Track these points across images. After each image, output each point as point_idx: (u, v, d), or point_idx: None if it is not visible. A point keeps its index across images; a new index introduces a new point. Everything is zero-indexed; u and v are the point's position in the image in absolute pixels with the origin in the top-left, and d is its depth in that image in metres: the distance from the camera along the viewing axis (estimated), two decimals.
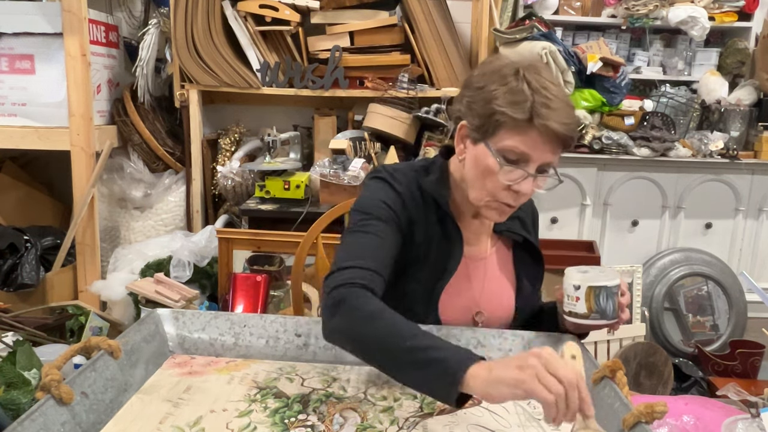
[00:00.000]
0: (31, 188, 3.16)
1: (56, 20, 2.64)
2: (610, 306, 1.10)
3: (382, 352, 0.96)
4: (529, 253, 1.30)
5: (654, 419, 0.84)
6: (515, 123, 1.06)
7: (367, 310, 0.98)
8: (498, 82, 1.08)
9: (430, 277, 1.20)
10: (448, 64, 2.94)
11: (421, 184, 1.21)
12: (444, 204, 1.21)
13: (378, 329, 0.96)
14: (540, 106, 1.05)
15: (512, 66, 1.09)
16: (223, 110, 3.20)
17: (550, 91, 1.06)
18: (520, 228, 1.29)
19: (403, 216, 1.16)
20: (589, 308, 1.10)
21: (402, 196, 1.18)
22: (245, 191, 2.96)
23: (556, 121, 1.05)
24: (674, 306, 3.07)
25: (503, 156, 1.08)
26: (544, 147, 1.07)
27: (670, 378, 2.61)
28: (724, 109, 3.17)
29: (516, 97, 1.06)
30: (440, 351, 0.90)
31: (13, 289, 2.60)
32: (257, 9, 2.83)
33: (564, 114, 1.06)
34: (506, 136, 1.07)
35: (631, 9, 3.17)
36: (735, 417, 1.26)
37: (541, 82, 1.07)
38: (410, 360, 0.92)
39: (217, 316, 1.20)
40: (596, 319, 1.11)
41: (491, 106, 1.07)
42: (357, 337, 0.98)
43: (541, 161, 1.09)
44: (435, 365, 0.89)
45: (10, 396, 1.63)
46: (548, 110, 1.05)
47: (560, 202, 2.99)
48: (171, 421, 0.92)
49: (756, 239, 3.14)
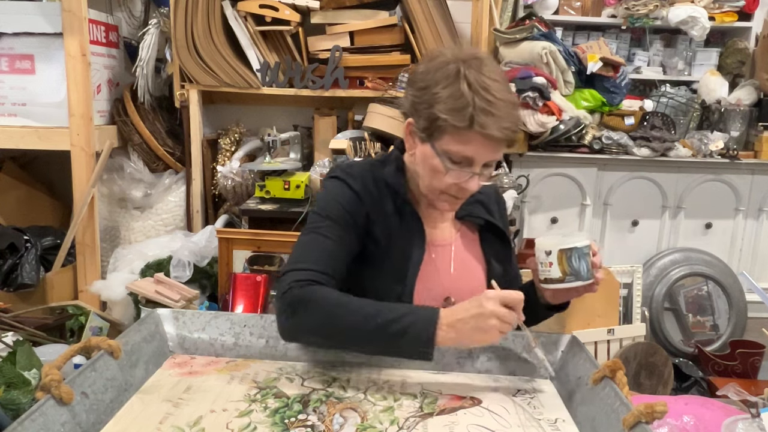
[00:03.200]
0: (31, 188, 3.16)
1: (56, 20, 2.63)
2: (583, 266, 1.11)
3: (353, 338, 1.05)
4: (495, 234, 1.33)
5: (654, 419, 0.84)
6: (456, 130, 1.08)
7: (329, 303, 1.05)
8: (440, 84, 1.10)
9: (399, 268, 1.21)
10: None
11: (379, 176, 1.24)
12: (403, 193, 1.24)
13: (345, 317, 1.04)
14: (480, 112, 1.07)
15: (454, 63, 1.11)
16: (223, 110, 3.20)
17: (491, 92, 1.08)
18: (482, 211, 1.32)
19: (359, 214, 1.19)
20: (563, 271, 1.11)
21: (358, 194, 1.20)
22: (245, 191, 2.96)
23: (496, 128, 1.08)
24: (674, 306, 3.07)
25: (449, 158, 1.12)
26: (486, 149, 1.11)
27: (670, 378, 2.61)
28: (724, 109, 3.16)
29: (457, 103, 1.08)
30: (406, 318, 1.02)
31: (13, 289, 2.60)
32: (257, 9, 2.83)
33: (504, 118, 1.09)
34: (449, 140, 1.10)
35: (631, 9, 3.17)
36: (735, 417, 1.26)
37: (481, 81, 1.08)
38: (383, 337, 1.02)
39: (217, 316, 1.20)
40: (571, 281, 1.12)
41: (433, 111, 1.09)
42: (325, 330, 1.05)
43: (485, 160, 1.13)
44: (406, 335, 1.01)
45: (10, 396, 1.63)
46: (487, 117, 1.07)
47: (560, 202, 2.99)
48: (171, 421, 0.92)
49: (756, 239, 3.14)
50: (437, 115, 1.09)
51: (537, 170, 2.92)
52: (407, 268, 1.21)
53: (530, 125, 2.76)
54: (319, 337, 1.08)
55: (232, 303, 2.45)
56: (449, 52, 1.14)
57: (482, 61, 1.12)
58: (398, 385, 1.07)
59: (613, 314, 2.77)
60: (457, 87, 1.08)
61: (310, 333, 1.08)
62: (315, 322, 1.05)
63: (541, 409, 1.02)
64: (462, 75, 1.09)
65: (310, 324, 1.05)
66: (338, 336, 1.05)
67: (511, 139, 1.13)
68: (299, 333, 1.09)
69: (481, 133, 1.08)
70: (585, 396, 1.01)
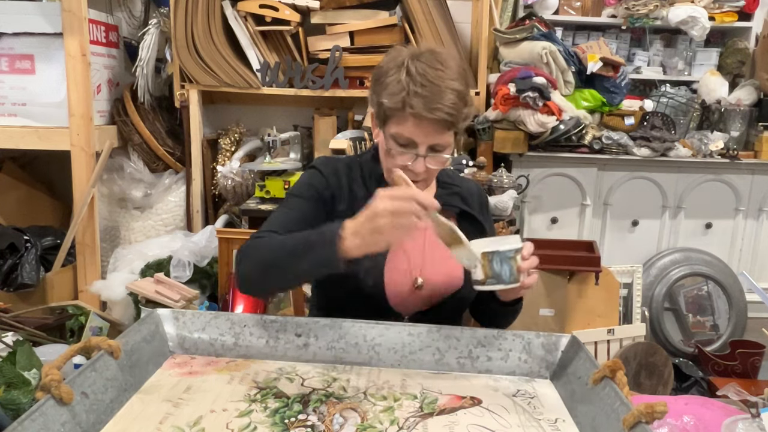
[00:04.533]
0: (31, 188, 3.16)
1: (56, 20, 2.64)
2: (505, 270, 1.13)
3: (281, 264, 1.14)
4: (471, 224, 1.37)
5: (654, 419, 0.84)
6: (394, 113, 1.19)
7: (267, 243, 1.17)
8: (388, 75, 1.20)
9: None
10: None
11: (355, 165, 1.34)
12: (377, 176, 1.32)
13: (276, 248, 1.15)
14: (412, 95, 1.15)
15: (404, 57, 1.20)
16: (223, 110, 3.20)
17: (428, 78, 1.16)
18: (459, 202, 1.38)
19: (324, 189, 1.30)
20: (485, 274, 1.14)
21: (325, 176, 1.32)
22: (245, 191, 2.96)
23: (425, 108, 1.14)
24: (674, 306, 3.07)
25: (395, 140, 1.21)
26: (425, 131, 1.18)
27: (670, 378, 2.61)
28: (724, 109, 3.17)
29: (393, 89, 1.18)
30: (315, 234, 1.10)
31: (13, 289, 2.60)
32: (257, 9, 2.83)
33: (434, 99, 1.15)
34: (393, 124, 1.20)
35: (631, 9, 3.17)
36: (735, 417, 1.26)
37: (421, 69, 1.16)
38: (298, 254, 1.11)
39: (217, 316, 1.20)
40: (493, 284, 1.14)
41: (381, 99, 1.20)
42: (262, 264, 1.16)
43: (428, 143, 1.20)
44: (315, 248, 1.09)
45: (10, 396, 1.63)
46: (418, 98, 1.15)
47: (560, 202, 2.99)
48: (171, 421, 0.92)
49: (756, 239, 3.14)
50: (382, 102, 1.20)
51: (537, 170, 2.92)
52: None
53: (530, 125, 2.76)
54: (260, 272, 1.17)
55: (232, 303, 2.45)
56: (407, 49, 1.23)
57: (435, 54, 1.20)
58: (398, 385, 1.07)
59: (613, 314, 2.77)
60: (398, 76, 1.18)
61: (253, 271, 1.18)
62: (255, 260, 1.17)
63: (541, 409, 1.02)
64: (405, 65, 1.18)
65: (252, 263, 1.18)
66: (273, 266, 1.15)
67: (447, 122, 1.17)
68: (248, 275, 1.19)
69: (412, 113, 1.16)
70: (585, 396, 1.01)
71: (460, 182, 1.44)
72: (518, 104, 2.75)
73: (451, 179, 1.43)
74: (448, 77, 1.17)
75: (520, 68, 2.85)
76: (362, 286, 1.27)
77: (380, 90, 1.21)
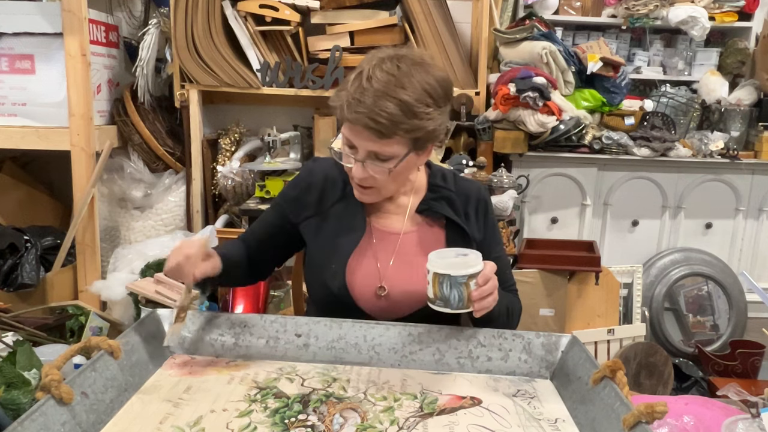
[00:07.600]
0: (31, 188, 3.15)
1: (56, 20, 2.63)
2: (454, 295, 1.09)
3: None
4: (460, 234, 1.32)
5: (654, 419, 0.84)
6: (339, 116, 1.21)
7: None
8: (352, 75, 1.21)
9: (333, 244, 1.29)
10: (448, 64, 2.94)
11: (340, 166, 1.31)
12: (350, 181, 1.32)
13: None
14: (350, 98, 1.17)
15: (373, 60, 1.20)
16: (223, 110, 3.20)
17: (371, 82, 1.15)
18: (445, 208, 1.33)
19: (288, 198, 1.36)
20: (435, 294, 1.11)
21: (299, 180, 1.37)
22: (245, 191, 2.96)
23: (355, 113, 1.15)
24: (674, 306, 3.07)
25: (345, 144, 1.23)
26: (360, 136, 1.18)
27: (670, 378, 2.61)
28: (724, 109, 3.16)
29: (339, 94, 1.21)
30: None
31: (13, 289, 2.60)
32: (257, 9, 2.83)
33: (364, 103, 1.14)
34: (342, 127, 1.23)
35: (631, 9, 3.17)
36: (735, 417, 1.26)
37: (372, 74, 1.16)
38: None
39: (217, 316, 1.20)
40: (440, 306, 1.11)
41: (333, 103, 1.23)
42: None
43: (365, 149, 1.19)
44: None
45: (10, 396, 1.63)
46: (353, 102, 1.16)
47: (560, 202, 2.99)
48: (171, 421, 0.92)
49: (756, 239, 3.13)
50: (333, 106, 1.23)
51: (537, 170, 2.92)
52: (341, 245, 1.28)
53: (530, 125, 2.76)
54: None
55: (232, 303, 2.45)
56: (385, 52, 1.22)
57: (400, 58, 1.19)
58: (398, 385, 1.07)
59: (613, 314, 2.77)
60: (354, 78, 1.19)
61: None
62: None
63: (541, 409, 1.02)
64: (364, 69, 1.18)
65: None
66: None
67: (374, 129, 1.15)
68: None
69: (345, 117, 1.18)
70: (585, 396, 1.01)
71: (456, 185, 1.37)
72: (518, 104, 2.75)
73: (445, 182, 1.37)
74: (398, 86, 1.15)
75: (520, 68, 2.85)
76: (331, 287, 1.27)
77: (341, 95, 1.22)
